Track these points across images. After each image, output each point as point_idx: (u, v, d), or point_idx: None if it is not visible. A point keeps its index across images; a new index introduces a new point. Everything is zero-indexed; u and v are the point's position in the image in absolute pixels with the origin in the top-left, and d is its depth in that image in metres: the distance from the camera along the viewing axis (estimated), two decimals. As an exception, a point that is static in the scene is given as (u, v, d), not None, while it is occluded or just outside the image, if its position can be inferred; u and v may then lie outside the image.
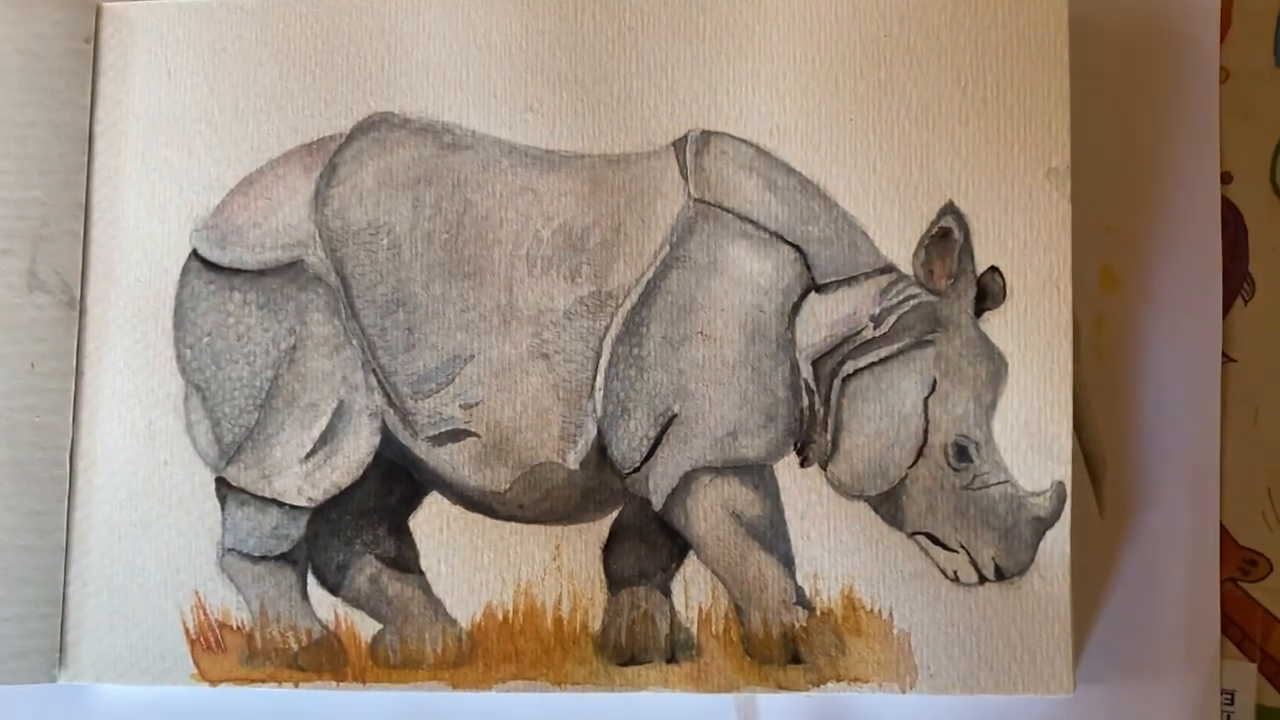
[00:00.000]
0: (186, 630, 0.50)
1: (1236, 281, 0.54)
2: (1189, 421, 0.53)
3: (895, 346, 0.50)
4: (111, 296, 0.52)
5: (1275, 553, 0.53)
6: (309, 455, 0.50)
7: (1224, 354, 0.53)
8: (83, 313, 0.52)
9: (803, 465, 0.50)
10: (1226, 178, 0.54)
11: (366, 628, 0.50)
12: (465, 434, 0.50)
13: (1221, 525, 0.53)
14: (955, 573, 0.49)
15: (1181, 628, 0.52)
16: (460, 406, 0.50)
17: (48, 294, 0.51)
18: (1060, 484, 0.49)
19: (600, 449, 0.50)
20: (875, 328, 0.50)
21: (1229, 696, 0.52)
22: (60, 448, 0.51)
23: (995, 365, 0.49)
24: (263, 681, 0.50)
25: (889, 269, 0.50)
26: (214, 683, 0.50)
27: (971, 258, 0.50)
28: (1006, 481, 0.49)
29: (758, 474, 0.50)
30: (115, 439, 0.51)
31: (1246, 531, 0.53)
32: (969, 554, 0.49)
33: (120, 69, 0.52)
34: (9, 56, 0.51)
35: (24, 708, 0.53)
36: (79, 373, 0.52)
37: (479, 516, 0.50)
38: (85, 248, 0.52)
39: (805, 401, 0.50)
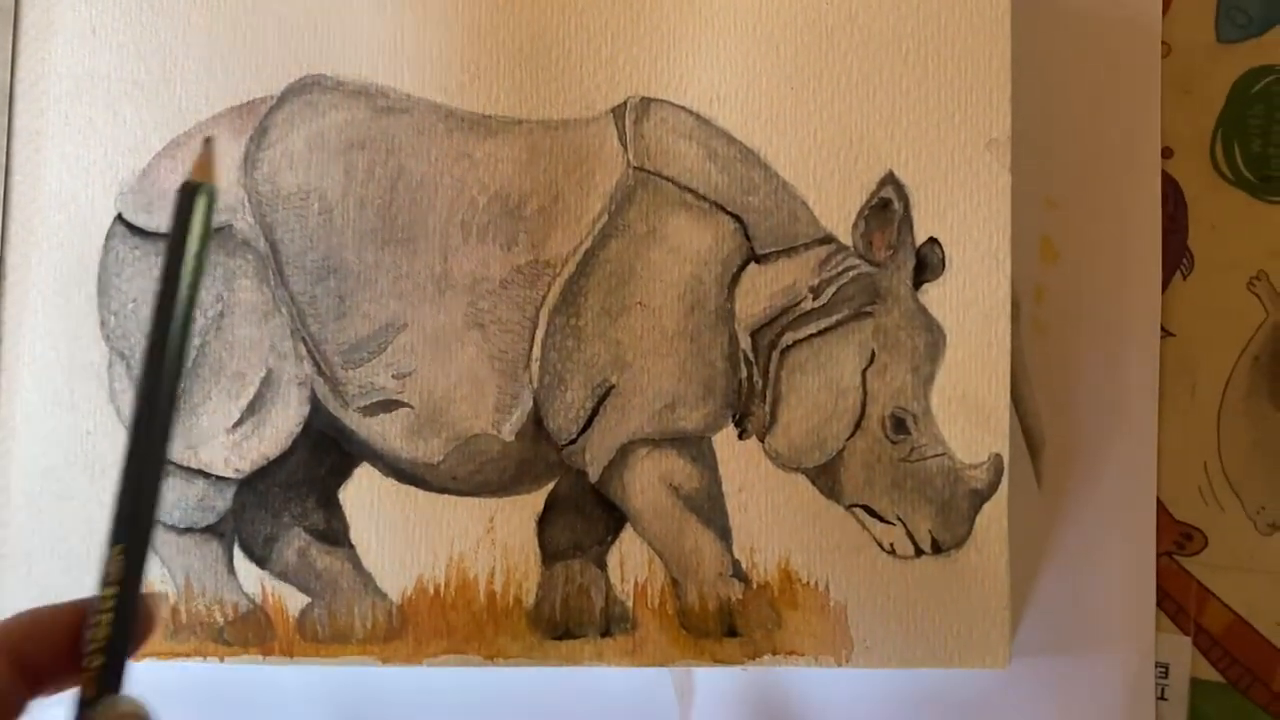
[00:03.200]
0: (109, 604, 0.49)
1: (1175, 256, 0.54)
2: (1127, 395, 0.53)
3: (834, 318, 0.49)
4: (33, 261, 0.50)
5: (1211, 527, 0.53)
6: (236, 425, 0.49)
7: (1163, 329, 0.53)
8: (1, 278, 0.50)
9: (741, 437, 0.49)
10: (1167, 152, 0.54)
11: (294, 602, 0.49)
12: (397, 404, 0.49)
13: (1158, 499, 0.53)
14: (892, 545, 0.49)
15: (1117, 602, 0.52)
16: (392, 376, 0.49)
17: (-35, 258, 0.50)
18: (997, 456, 0.49)
19: (536, 420, 0.49)
20: (814, 299, 0.49)
21: (1163, 670, 0.52)
22: (-22, 417, 0.50)
23: (934, 337, 0.49)
24: (187, 656, 0.49)
25: (828, 239, 0.49)
26: (136, 657, 0.49)
27: (911, 229, 0.49)
28: (944, 454, 0.49)
29: (696, 446, 0.49)
30: (36, 408, 0.50)
31: (1183, 506, 0.53)
32: (906, 526, 0.49)
33: (43, 26, 0.51)
34: (-76, 11, 0.50)
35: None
36: (-2, 339, 0.50)
37: (411, 489, 0.49)
38: (5, 211, 0.50)
39: (744, 373, 0.49)
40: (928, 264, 0.49)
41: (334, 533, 0.49)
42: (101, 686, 0.34)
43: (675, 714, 0.52)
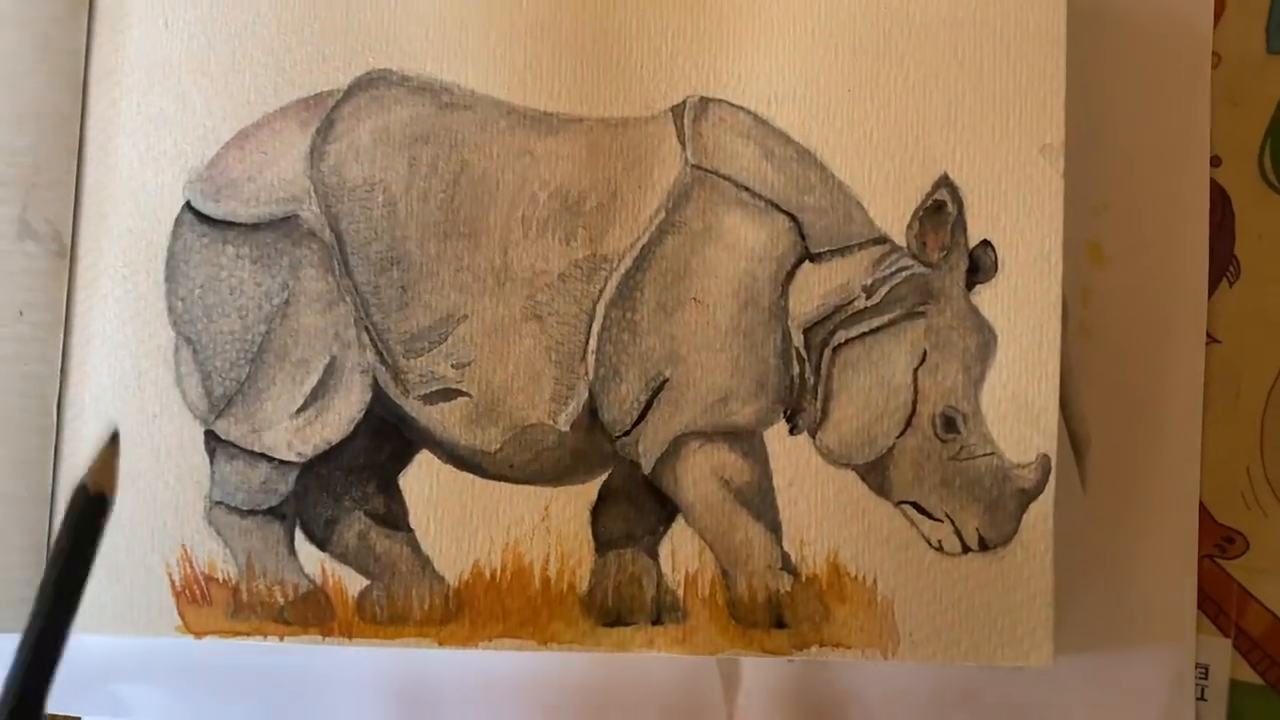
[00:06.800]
0: (172, 582, 0.50)
1: (1222, 263, 0.54)
2: (1172, 400, 0.53)
3: (886, 317, 0.50)
4: (103, 246, 0.51)
5: (1252, 531, 0.53)
6: (299, 410, 0.50)
7: (1208, 335, 0.54)
8: (74, 262, 0.51)
9: (792, 433, 0.50)
10: (1215, 161, 0.54)
11: (354, 584, 0.50)
12: (457, 393, 0.50)
13: (1200, 503, 0.53)
14: (940, 542, 0.50)
15: (1158, 602, 0.53)
16: (452, 366, 0.50)
17: (38, 242, 0.51)
18: (1045, 456, 0.49)
19: (591, 412, 0.50)
20: (867, 298, 0.50)
21: (1203, 671, 0.53)
22: (47, 397, 0.51)
23: (985, 338, 0.50)
24: (248, 635, 0.50)
25: (883, 240, 0.50)
26: (199, 635, 0.50)
27: (964, 230, 0.50)
28: (993, 453, 0.50)
29: (747, 441, 0.50)
30: (104, 390, 0.51)
31: (1225, 510, 0.54)
32: (954, 524, 0.49)
33: (117, 17, 0.52)
34: (3, 1, 0.51)
35: (4, 657, 0.52)
36: (68, 322, 0.51)
37: (469, 476, 0.50)
38: (78, 197, 0.52)
39: (796, 370, 0.50)
40: (981, 266, 0.50)
41: (394, 517, 0.50)
42: None
43: (721, 702, 0.53)
